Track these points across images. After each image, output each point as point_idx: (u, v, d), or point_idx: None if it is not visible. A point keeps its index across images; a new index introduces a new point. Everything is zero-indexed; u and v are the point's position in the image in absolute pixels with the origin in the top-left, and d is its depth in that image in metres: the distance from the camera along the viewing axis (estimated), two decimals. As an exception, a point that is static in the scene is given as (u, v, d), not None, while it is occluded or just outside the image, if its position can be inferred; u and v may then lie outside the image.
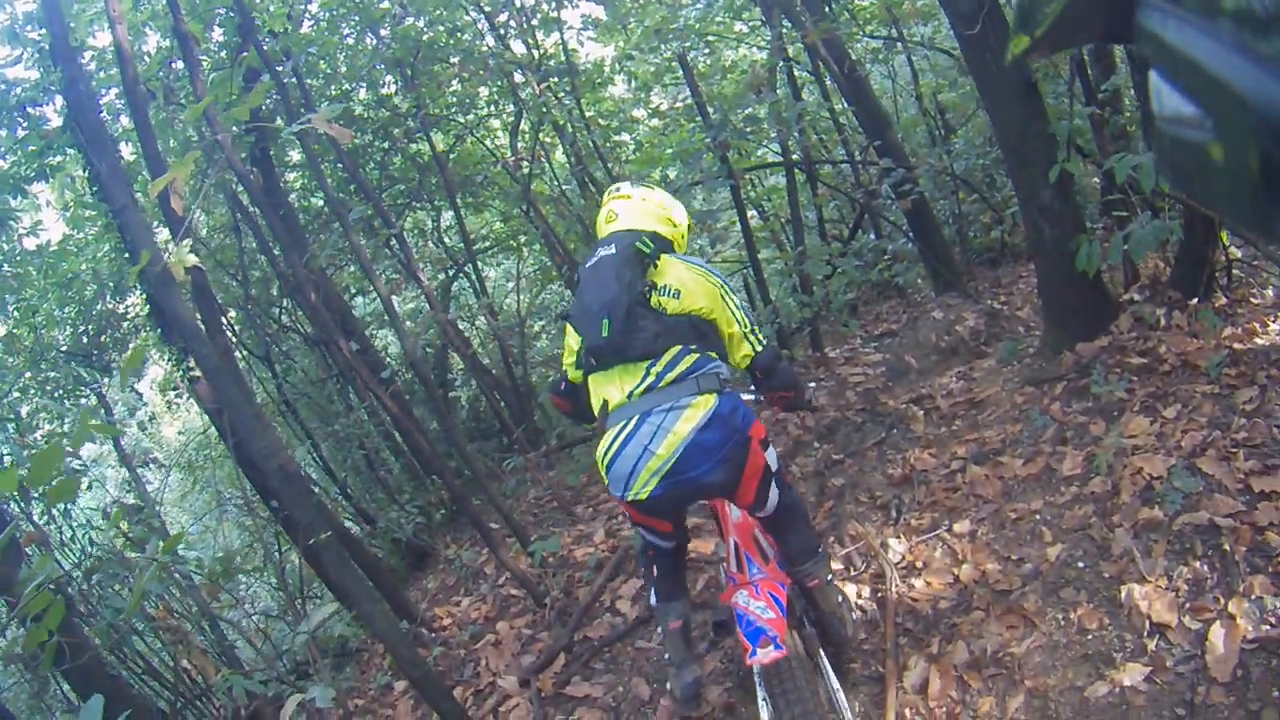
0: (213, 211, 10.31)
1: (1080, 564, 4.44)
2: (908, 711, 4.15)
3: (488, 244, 12.65)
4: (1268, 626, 3.68)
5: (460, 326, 11.69)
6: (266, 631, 8.45)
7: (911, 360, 7.00)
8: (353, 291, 11.73)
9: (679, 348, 3.05)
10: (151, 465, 10.17)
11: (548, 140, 8.45)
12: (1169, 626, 3.90)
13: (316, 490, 9.44)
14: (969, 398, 6.07)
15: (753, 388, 3.56)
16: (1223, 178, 0.56)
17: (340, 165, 8.08)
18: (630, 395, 3.02)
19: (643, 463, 2.96)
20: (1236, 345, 5.23)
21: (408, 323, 11.19)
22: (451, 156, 9.77)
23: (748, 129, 6.90)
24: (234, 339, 9.93)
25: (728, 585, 3.61)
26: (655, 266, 3.16)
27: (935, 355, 7.05)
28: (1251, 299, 5.85)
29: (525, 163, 7.54)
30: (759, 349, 3.32)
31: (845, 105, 7.94)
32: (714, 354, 3.14)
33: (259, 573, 7.28)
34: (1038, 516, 4.85)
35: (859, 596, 4.86)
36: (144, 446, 11.17)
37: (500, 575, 6.20)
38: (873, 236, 8.80)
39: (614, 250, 3.16)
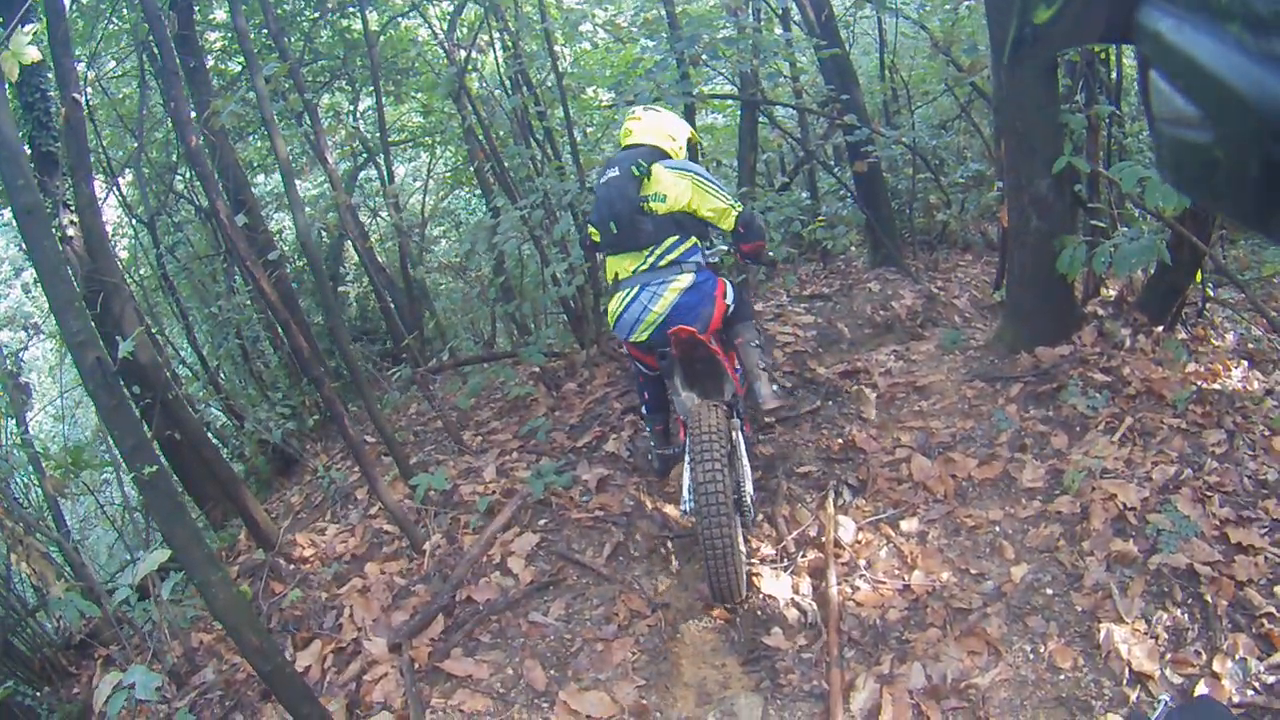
0: (122, 61, 8.74)
1: (1049, 590, 3.69)
2: (854, 743, 3.18)
3: (402, 137, 11.17)
4: (1252, 692, 3.17)
5: (365, 220, 10.23)
6: (121, 528, 6.90)
7: (844, 329, 6.08)
8: (255, 167, 10.35)
9: (672, 239, 3.93)
10: (30, 332, 8.40)
11: (485, 40, 7.13)
12: (1150, 677, 3.28)
13: (185, 377, 8.02)
14: (910, 380, 5.18)
15: (726, 246, 4.35)
16: (1223, 178, 0.51)
17: (266, 31, 6.84)
18: (635, 271, 3.97)
19: (643, 317, 3.93)
20: (1202, 384, 4.71)
21: (306, 208, 9.84)
22: (382, 38, 8.42)
23: (717, 50, 5.73)
24: (121, 201, 8.50)
25: None
26: (648, 179, 3.89)
27: (869, 328, 6.16)
28: (1212, 339, 5.33)
29: (462, 51, 6.11)
30: (739, 210, 4.03)
31: (813, 54, 6.84)
32: (695, 239, 3.99)
33: (110, 467, 5.69)
34: (997, 528, 4.05)
35: (796, 591, 3.85)
36: (25, 311, 9.45)
37: (373, 504, 4.85)
38: (806, 194, 7.82)
39: (618, 173, 3.95)
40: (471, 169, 6.70)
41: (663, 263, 3.88)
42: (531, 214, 5.63)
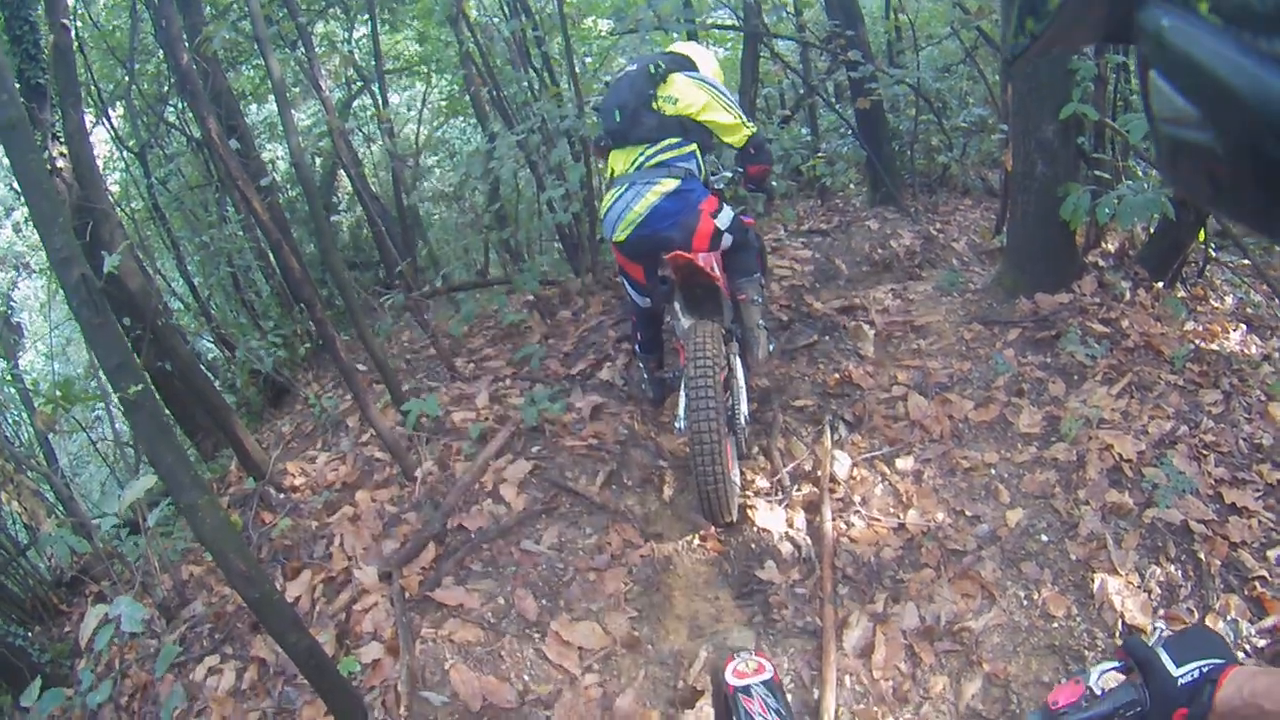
0: None
1: (1043, 537, 3.60)
2: (848, 679, 3.09)
3: (397, 65, 10.69)
4: (1243, 654, 3.14)
5: (359, 148, 9.84)
6: (112, 464, 6.67)
7: (842, 265, 5.88)
8: (247, 96, 9.92)
9: (671, 139, 3.78)
10: (21, 270, 8.06)
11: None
12: (1143, 630, 3.18)
13: (176, 309, 7.74)
14: (907, 320, 5.00)
15: (737, 166, 4.24)
16: (1223, 178, 0.49)
17: None
18: (628, 168, 3.81)
19: (624, 216, 3.76)
20: (1200, 343, 4.62)
21: (299, 138, 9.43)
22: None
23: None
24: (112, 133, 7.99)
25: None
26: (664, 81, 3.80)
27: (867, 266, 5.96)
28: (1211, 300, 5.18)
29: None
30: (752, 130, 3.95)
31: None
32: (693, 147, 3.83)
33: (100, 400, 5.44)
34: (993, 471, 3.94)
35: (790, 525, 3.71)
36: (16, 250, 9.18)
37: (364, 431, 4.64)
38: (806, 130, 7.53)
39: (635, 68, 3.87)
40: (467, 97, 6.37)
41: (652, 162, 3.73)
42: (528, 139, 5.36)
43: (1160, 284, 4.96)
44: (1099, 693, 1.23)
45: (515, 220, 6.40)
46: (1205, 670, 1.12)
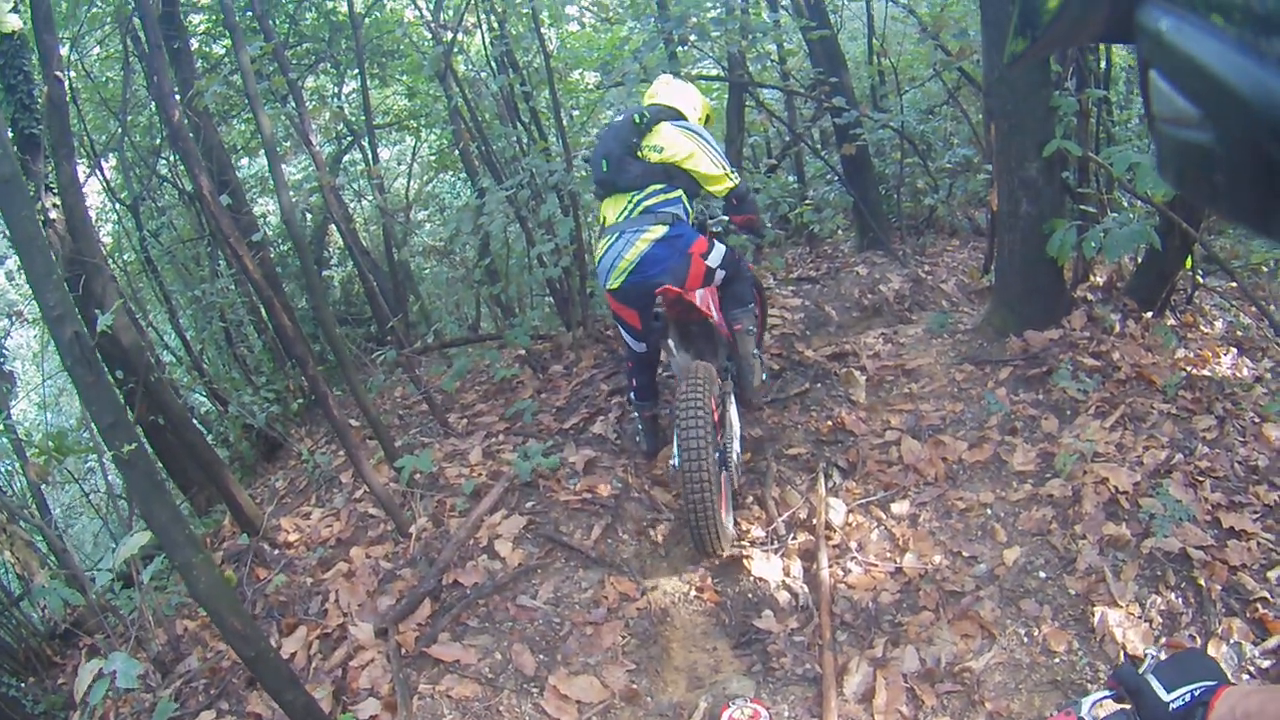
0: (105, 44, 8.53)
1: (1041, 574, 3.61)
2: (849, 728, 3.08)
3: (387, 120, 10.89)
4: (1247, 676, 3.16)
5: (350, 202, 10.02)
6: (105, 517, 6.69)
7: (831, 312, 5.96)
8: (238, 150, 10.06)
9: (656, 186, 3.93)
10: (13, 320, 8.16)
11: (471, 21, 6.97)
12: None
13: (169, 362, 7.87)
14: (898, 364, 5.07)
15: (723, 215, 4.36)
16: (1223, 178, 0.49)
17: (250, 13, 6.60)
18: (618, 218, 3.96)
19: (616, 264, 3.89)
20: (1191, 370, 4.68)
21: (290, 192, 9.55)
22: (367, 19, 8.24)
23: (704, 31, 5.60)
24: (104, 185, 8.21)
25: None
26: (650, 131, 3.95)
27: (856, 311, 6.04)
28: (1201, 326, 5.27)
29: (448, 33, 5.93)
30: (735, 183, 4.07)
31: (800, 37, 6.68)
32: (679, 193, 3.96)
33: (93, 453, 5.49)
34: (989, 510, 3.96)
35: (787, 573, 3.74)
36: (9, 299, 9.23)
37: (358, 487, 4.68)
38: (793, 178, 7.68)
39: (621, 119, 4.03)
40: (456, 152, 6.51)
41: (640, 209, 3.88)
42: (517, 194, 5.48)
43: (1150, 314, 5.03)
44: None
45: (506, 275, 6.50)
46: (1197, 694, 1.12)
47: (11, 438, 4.87)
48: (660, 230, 3.81)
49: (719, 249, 4.02)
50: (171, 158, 8.02)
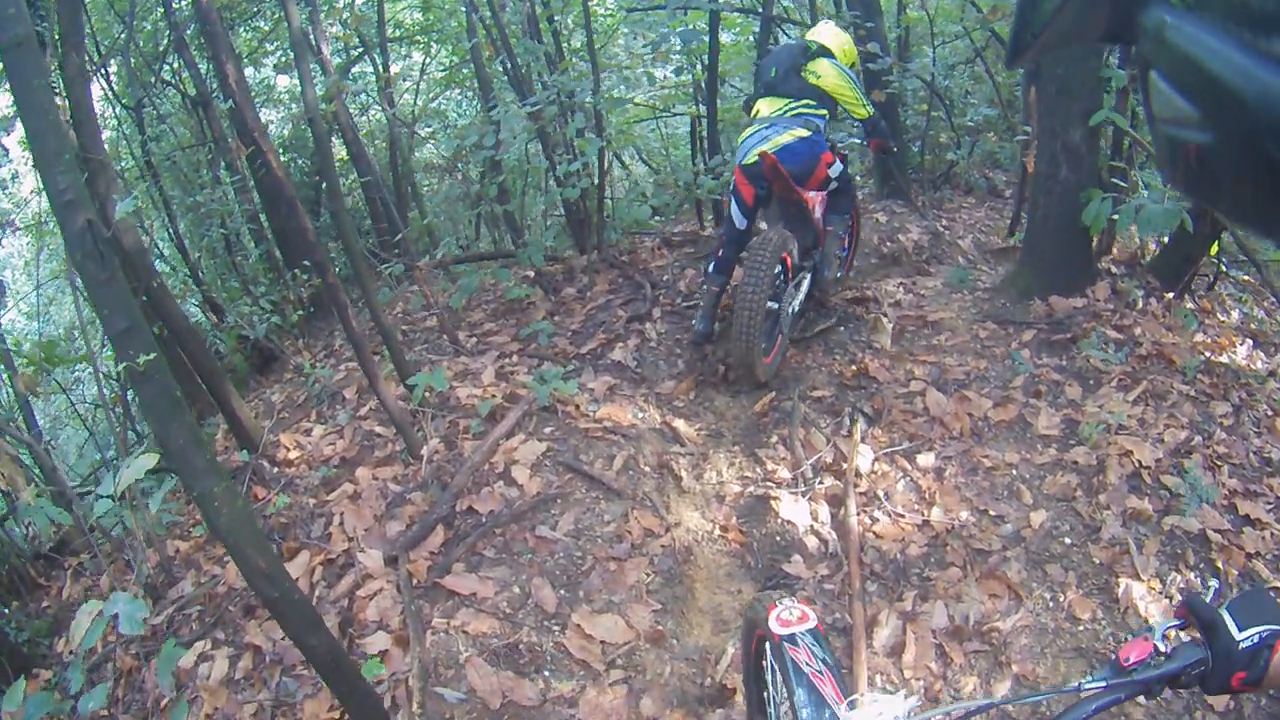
0: None
1: (1067, 539, 3.45)
2: (879, 678, 2.90)
3: (396, 35, 10.16)
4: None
5: (355, 115, 9.38)
6: (91, 427, 6.24)
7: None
8: (245, 60, 9.25)
9: (811, 100, 4.45)
10: (4, 228, 7.55)
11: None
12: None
13: (164, 272, 7.23)
14: (920, 314, 4.83)
15: (856, 140, 5.24)
16: (1223, 178, 0.48)
17: None
18: (772, 113, 4.47)
19: (758, 145, 4.35)
20: (1209, 355, 4.54)
21: (294, 105, 9.26)
22: None
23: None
24: (107, 89, 7.45)
25: None
26: (814, 59, 4.50)
27: (875, 258, 5.79)
28: (1218, 314, 5.09)
29: None
30: (870, 112, 4.66)
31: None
32: (825, 112, 4.49)
33: (84, 363, 5.04)
34: (1014, 471, 3.78)
35: (815, 518, 3.51)
36: (2, 209, 8.44)
37: (362, 404, 4.34)
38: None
39: (796, 42, 4.71)
40: (466, 69, 6.03)
41: (793, 112, 4.40)
42: (545, 110, 5.07)
43: (1171, 294, 4.84)
44: (1165, 650, 1.21)
45: (519, 198, 6.10)
46: (1264, 635, 1.12)
47: (1, 348, 4.46)
48: (805, 132, 4.34)
49: (839, 165, 4.59)
50: (176, 61, 7.41)
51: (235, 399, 4.18)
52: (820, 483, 3.64)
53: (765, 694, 1.82)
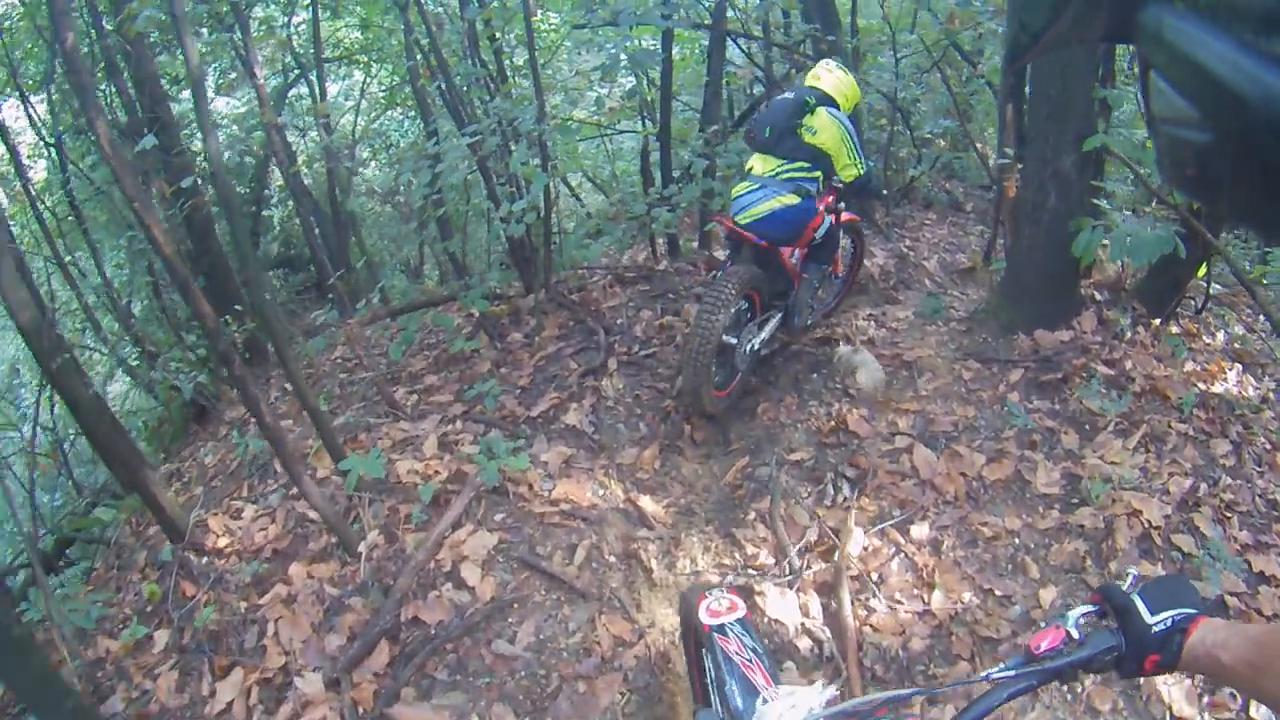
0: None
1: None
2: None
3: (336, 54, 9.79)
4: None
5: (293, 140, 8.92)
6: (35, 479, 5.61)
7: (814, 286, 5.26)
8: (182, 84, 8.64)
9: (802, 163, 4.27)
10: None
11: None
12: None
13: (97, 306, 6.80)
14: (895, 353, 4.46)
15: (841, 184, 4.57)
16: (1222, 178, 0.48)
17: None
18: (764, 173, 4.31)
19: (748, 208, 4.27)
20: (1201, 385, 4.26)
21: (234, 126, 8.52)
22: None
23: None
24: (35, 120, 6.88)
25: None
26: (812, 113, 4.25)
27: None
28: (1203, 337, 4.79)
29: None
30: (860, 173, 4.38)
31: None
32: (818, 174, 4.33)
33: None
34: (1016, 540, 3.42)
35: (806, 614, 3.08)
36: None
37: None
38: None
39: (792, 96, 4.35)
40: (409, 89, 5.53)
41: (785, 175, 4.24)
42: (485, 140, 4.57)
43: (1158, 320, 4.54)
44: (1078, 637, 1.21)
45: (461, 229, 5.58)
46: (1177, 619, 1.12)
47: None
48: (794, 200, 4.19)
49: (826, 224, 4.45)
50: (110, 88, 6.75)
51: (156, 485, 3.60)
52: (808, 568, 3.22)
53: (707, 683, 1.78)
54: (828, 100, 4.34)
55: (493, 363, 4.60)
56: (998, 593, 3.16)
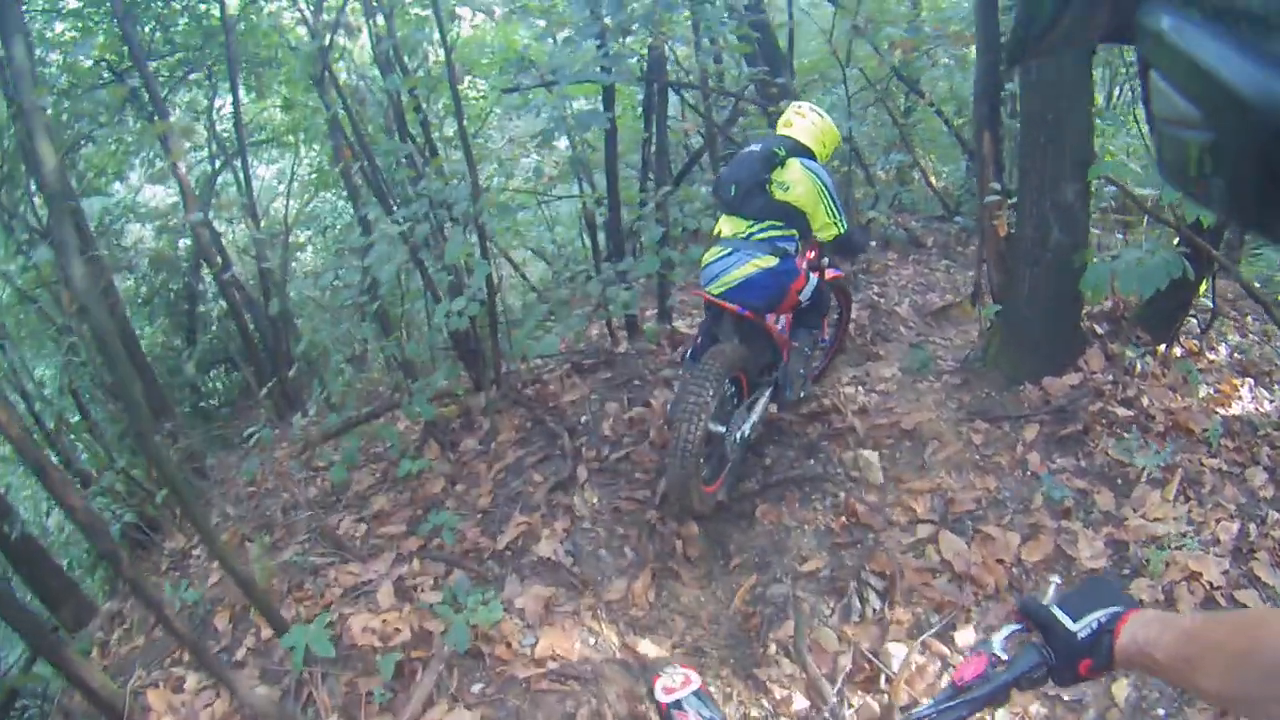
0: None
1: (1160, 710, 2.68)
2: None
3: (264, 136, 9.34)
4: None
5: (222, 229, 8.38)
6: None
7: (787, 352, 4.81)
8: (109, 175, 8.33)
9: (776, 222, 3.74)
10: None
11: (356, 18, 5.55)
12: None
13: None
14: (893, 421, 4.00)
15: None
16: (1223, 179, 0.47)
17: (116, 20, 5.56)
18: (735, 235, 3.81)
19: (722, 275, 3.72)
20: (1220, 410, 3.93)
21: (168, 217, 8.19)
22: (241, 26, 6.78)
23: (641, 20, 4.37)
24: None
25: None
26: (782, 166, 3.72)
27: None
28: (1207, 354, 4.46)
29: (329, 32, 4.39)
30: (840, 231, 3.80)
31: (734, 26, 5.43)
32: (794, 232, 3.79)
33: None
34: (1072, 631, 2.84)
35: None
36: None
37: (238, 641, 3.20)
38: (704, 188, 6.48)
39: (759, 148, 3.79)
40: (337, 169, 5.03)
41: (758, 237, 3.74)
42: (414, 230, 4.05)
43: (1163, 346, 4.19)
44: (1005, 658, 1.17)
45: (400, 323, 5.01)
46: (1102, 621, 1.08)
47: None
48: (771, 262, 3.67)
49: (811, 285, 3.90)
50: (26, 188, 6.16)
51: (80, 664, 2.95)
52: (849, 707, 2.69)
53: None
54: (801, 150, 3.78)
55: (447, 479, 4.02)
56: (1066, 697, 2.69)
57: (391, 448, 4.40)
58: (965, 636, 2.90)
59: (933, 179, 6.77)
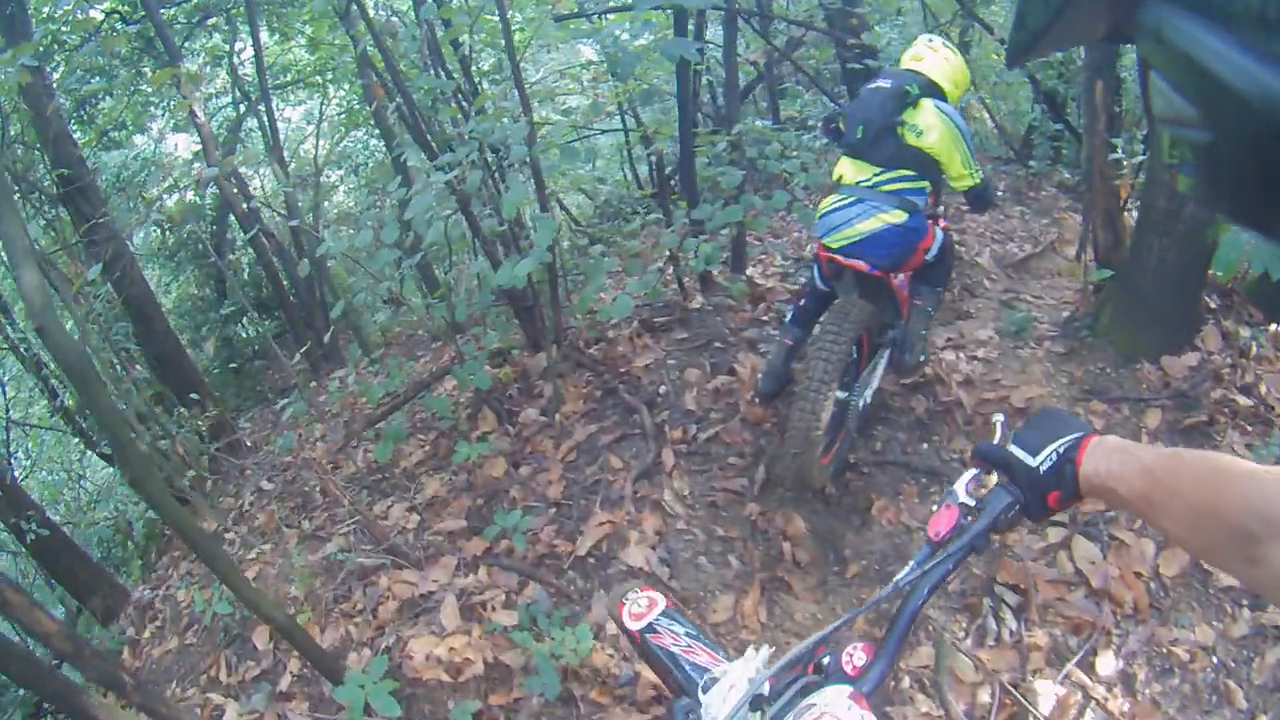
0: None
1: None
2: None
3: (289, 78, 8.85)
4: None
5: (250, 175, 8.21)
6: None
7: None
8: (130, 127, 7.96)
9: (907, 171, 3.31)
10: None
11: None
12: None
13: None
14: (1002, 396, 3.67)
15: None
16: (1223, 179, 0.48)
17: None
18: (859, 182, 3.37)
19: (843, 228, 3.33)
20: None
21: (195, 165, 7.46)
22: None
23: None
24: None
25: None
26: (915, 106, 3.29)
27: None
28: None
29: None
30: (976, 182, 3.39)
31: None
32: (926, 184, 3.36)
33: None
34: (1213, 659, 2.68)
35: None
36: None
37: (279, 663, 2.91)
38: (770, 121, 5.91)
39: (889, 85, 3.35)
40: (369, 110, 4.53)
41: (887, 187, 3.32)
42: (466, 177, 3.58)
43: (1275, 325, 3.82)
44: (974, 504, 1.13)
45: (449, 286, 4.57)
46: (1061, 451, 1.05)
47: None
48: (900, 217, 3.28)
49: (939, 240, 3.52)
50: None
51: (96, 708, 2.66)
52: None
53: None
54: (933, 89, 3.35)
55: (508, 459, 3.66)
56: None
57: (443, 419, 4.04)
58: (1107, 663, 2.62)
59: (997, 118, 6.26)
